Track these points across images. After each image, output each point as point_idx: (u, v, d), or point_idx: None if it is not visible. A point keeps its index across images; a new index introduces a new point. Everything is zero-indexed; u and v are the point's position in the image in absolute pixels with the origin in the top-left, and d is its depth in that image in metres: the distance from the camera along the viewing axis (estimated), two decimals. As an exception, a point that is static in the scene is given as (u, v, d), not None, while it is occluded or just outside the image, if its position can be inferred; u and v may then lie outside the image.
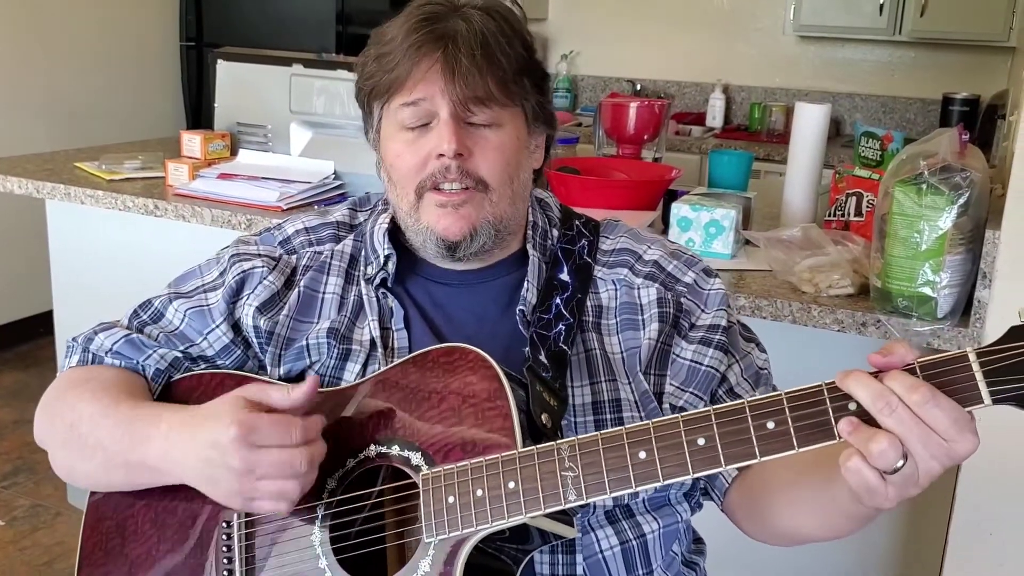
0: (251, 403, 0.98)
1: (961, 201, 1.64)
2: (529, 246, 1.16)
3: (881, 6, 4.09)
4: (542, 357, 1.07)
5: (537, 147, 1.16)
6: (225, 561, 1.05)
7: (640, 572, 1.11)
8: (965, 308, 1.73)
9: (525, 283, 1.13)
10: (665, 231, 2.12)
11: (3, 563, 2.73)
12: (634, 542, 1.11)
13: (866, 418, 0.81)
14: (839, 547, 2.04)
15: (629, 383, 1.11)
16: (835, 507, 0.94)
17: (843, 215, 2.15)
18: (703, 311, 1.14)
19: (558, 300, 1.12)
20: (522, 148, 1.12)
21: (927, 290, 1.69)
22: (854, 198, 2.12)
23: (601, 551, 1.09)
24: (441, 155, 1.05)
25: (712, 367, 1.12)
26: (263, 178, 2.42)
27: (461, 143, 1.05)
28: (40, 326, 4.08)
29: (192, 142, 2.66)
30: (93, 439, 1.07)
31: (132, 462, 1.04)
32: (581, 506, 0.93)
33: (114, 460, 1.06)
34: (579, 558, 1.08)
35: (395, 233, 1.16)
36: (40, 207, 2.83)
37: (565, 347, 1.09)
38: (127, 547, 1.10)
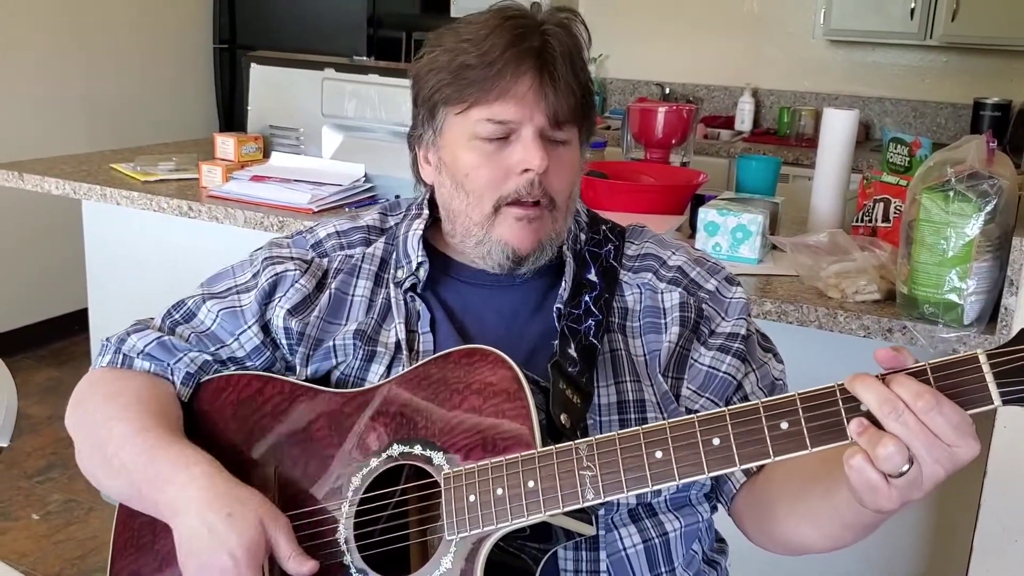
0: (264, 537, 1.00)
1: (988, 208, 1.64)
2: (564, 247, 1.18)
3: (912, 10, 4.06)
4: (571, 351, 1.08)
5: (584, 164, 1.19)
6: (253, 557, 1.07)
7: (662, 570, 1.13)
8: (992, 315, 1.73)
9: (562, 282, 1.15)
10: (692, 235, 2.12)
11: (37, 556, 2.78)
12: (656, 540, 1.12)
13: (875, 419, 0.82)
14: (864, 553, 2.04)
15: (652, 385, 1.12)
16: (836, 517, 0.95)
17: (870, 221, 2.14)
18: (723, 319, 1.15)
19: (587, 298, 1.14)
20: (579, 165, 1.15)
21: (954, 297, 1.69)
22: (881, 204, 2.12)
23: (624, 549, 1.11)
24: (527, 170, 1.07)
25: (729, 374, 1.13)
26: (295, 180, 2.45)
27: (546, 159, 1.07)
28: (75, 324, 4.15)
29: (226, 144, 2.70)
30: (118, 461, 1.09)
31: (145, 495, 1.07)
32: (601, 504, 0.95)
33: (133, 487, 1.09)
34: (602, 555, 1.09)
35: (427, 239, 1.18)
36: (76, 207, 2.89)
37: (595, 341, 1.10)
38: (158, 543, 1.12)
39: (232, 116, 4.84)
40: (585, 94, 1.10)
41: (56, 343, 4.33)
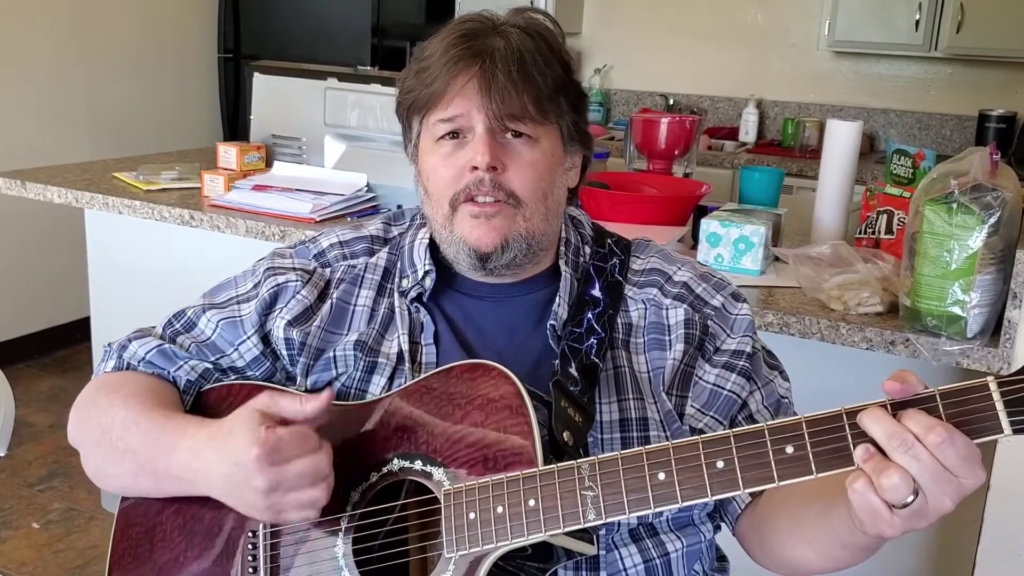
0: (266, 416, 0.98)
1: (992, 220, 1.63)
2: (561, 262, 1.16)
3: (917, 22, 4.06)
4: (572, 370, 1.07)
5: (572, 166, 1.17)
6: (250, 571, 1.07)
7: (662, 590, 1.12)
8: (995, 328, 1.72)
9: (557, 299, 1.14)
10: (695, 247, 2.12)
11: (37, 565, 2.78)
12: (657, 560, 1.11)
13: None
14: (865, 569, 2.03)
15: (655, 403, 1.11)
16: (833, 537, 0.95)
17: (874, 233, 2.14)
18: (729, 336, 1.14)
19: (590, 315, 1.13)
20: (557, 165, 1.12)
21: (957, 309, 1.68)
22: (885, 216, 2.11)
23: (625, 569, 1.10)
24: (475, 168, 1.07)
25: (733, 392, 1.12)
26: (297, 190, 2.45)
27: (495, 156, 1.06)
28: (77, 332, 4.15)
29: (228, 154, 2.70)
30: (124, 444, 1.09)
31: (159, 470, 1.07)
32: (602, 524, 0.94)
33: (143, 467, 1.08)
34: (603, 575, 1.08)
35: (433, 248, 1.18)
36: (79, 215, 2.89)
37: (596, 360, 1.10)
38: (155, 553, 1.12)
39: (236, 126, 4.85)
40: (555, 91, 1.09)
41: (59, 351, 4.33)
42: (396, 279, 1.19)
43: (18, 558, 2.80)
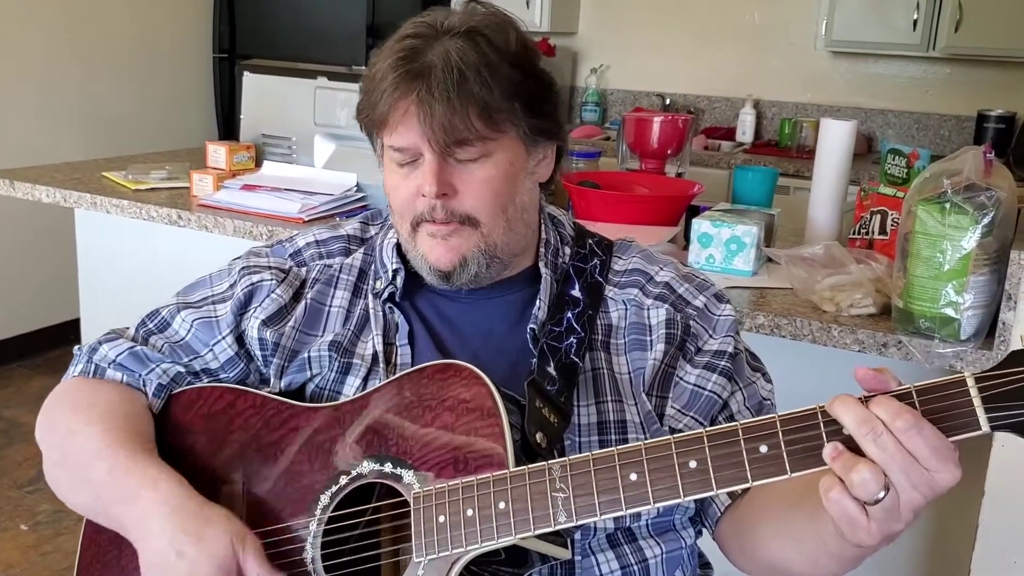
0: (239, 560, 0.98)
1: (986, 221, 1.61)
2: (541, 264, 1.14)
3: (915, 22, 4.04)
4: (550, 369, 1.05)
5: (542, 159, 1.13)
6: (219, 575, 1.04)
7: (642, 597, 1.09)
8: (989, 330, 1.69)
9: (537, 301, 1.12)
10: (686, 247, 2.09)
11: (25, 567, 2.76)
12: (635, 567, 1.09)
13: (853, 444, 0.79)
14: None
15: (635, 404, 1.09)
16: (820, 544, 0.92)
17: (867, 233, 2.11)
18: (711, 336, 1.12)
19: (569, 314, 1.11)
20: (518, 172, 1.08)
21: (950, 311, 1.65)
22: (878, 216, 2.08)
23: (601, 575, 1.07)
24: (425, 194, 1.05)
25: (714, 393, 1.10)
26: (286, 189, 2.43)
27: (443, 183, 1.04)
28: (69, 333, 4.13)
29: (217, 153, 2.68)
30: (83, 476, 1.07)
31: (112, 514, 1.05)
32: (575, 527, 0.92)
33: (99, 503, 1.07)
34: None
35: (406, 250, 1.16)
36: (69, 215, 2.87)
37: (576, 359, 1.07)
38: (123, 559, 1.10)
39: (231, 126, 4.83)
40: (505, 98, 1.03)
41: (50, 352, 4.31)
42: (370, 280, 1.17)
43: (5, 560, 2.79)
